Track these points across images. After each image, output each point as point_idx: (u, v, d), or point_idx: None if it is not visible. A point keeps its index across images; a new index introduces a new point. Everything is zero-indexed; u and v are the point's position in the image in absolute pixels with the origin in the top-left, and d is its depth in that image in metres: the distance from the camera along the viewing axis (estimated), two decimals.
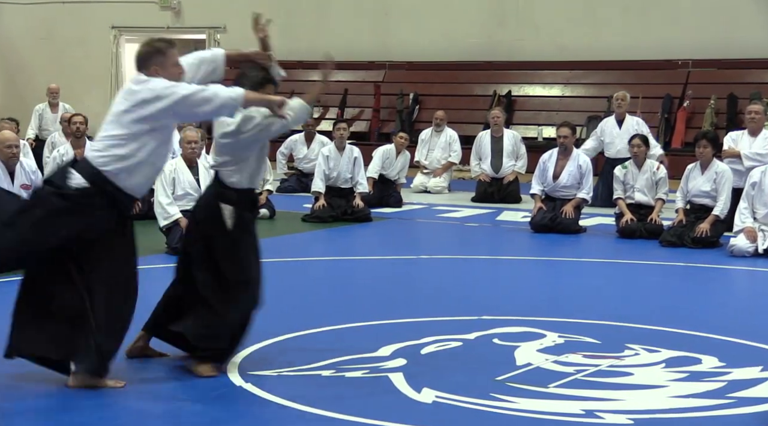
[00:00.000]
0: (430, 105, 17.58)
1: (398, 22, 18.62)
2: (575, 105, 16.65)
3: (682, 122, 15.69)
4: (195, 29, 20.75)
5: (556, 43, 17.23)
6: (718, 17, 16.19)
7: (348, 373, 4.80)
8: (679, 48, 16.30)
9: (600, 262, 8.61)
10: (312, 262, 8.45)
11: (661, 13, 16.64)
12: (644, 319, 6.02)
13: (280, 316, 6.15)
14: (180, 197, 8.53)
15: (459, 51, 17.90)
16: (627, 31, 16.82)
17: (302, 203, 11.64)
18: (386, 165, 12.36)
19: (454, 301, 6.71)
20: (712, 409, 4.34)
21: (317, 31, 19.25)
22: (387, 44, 18.64)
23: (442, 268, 8.27)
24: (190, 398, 4.45)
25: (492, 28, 17.86)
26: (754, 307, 6.96)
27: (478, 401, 4.38)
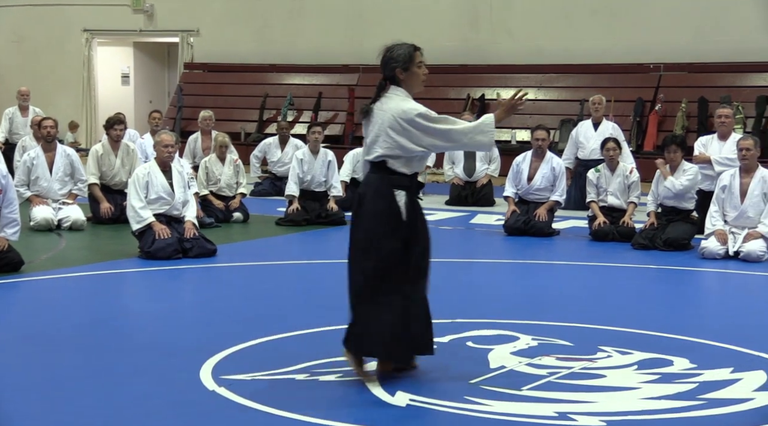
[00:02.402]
0: None
1: (372, 26, 18.64)
2: (548, 108, 16.74)
3: (654, 126, 15.81)
4: (168, 32, 20.67)
5: (530, 47, 17.31)
6: (689, 22, 16.33)
7: (322, 376, 4.80)
8: (651, 52, 16.43)
9: (573, 264, 8.65)
10: (286, 266, 8.44)
11: (633, 18, 16.76)
12: (617, 322, 6.06)
13: (254, 319, 6.14)
14: (153, 201, 8.50)
15: (433, 54, 17.75)
16: (600, 35, 16.93)
17: (276, 207, 11.63)
18: (358, 168, 12.35)
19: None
20: (683, 410, 4.37)
21: (291, 35, 19.24)
22: (361, 48, 18.64)
23: None
24: (163, 403, 4.44)
25: (466, 32, 17.92)
26: (725, 309, 7.02)
27: (452, 404, 4.39)
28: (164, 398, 4.50)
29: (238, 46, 19.54)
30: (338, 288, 7.45)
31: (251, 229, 10.61)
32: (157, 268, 7.91)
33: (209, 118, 13.21)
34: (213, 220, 10.44)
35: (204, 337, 5.64)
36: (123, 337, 5.73)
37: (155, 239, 8.27)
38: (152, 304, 6.88)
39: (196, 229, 8.58)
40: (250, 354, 5.24)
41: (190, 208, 8.73)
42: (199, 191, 10.53)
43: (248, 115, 18.72)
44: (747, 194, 8.73)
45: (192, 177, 9.79)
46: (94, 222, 10.46)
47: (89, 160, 10.67)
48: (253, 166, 13.84)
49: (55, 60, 21.17)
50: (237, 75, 19.46)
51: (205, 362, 4.99)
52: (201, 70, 20.26)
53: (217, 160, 11.15)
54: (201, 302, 6.96)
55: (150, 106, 19.73)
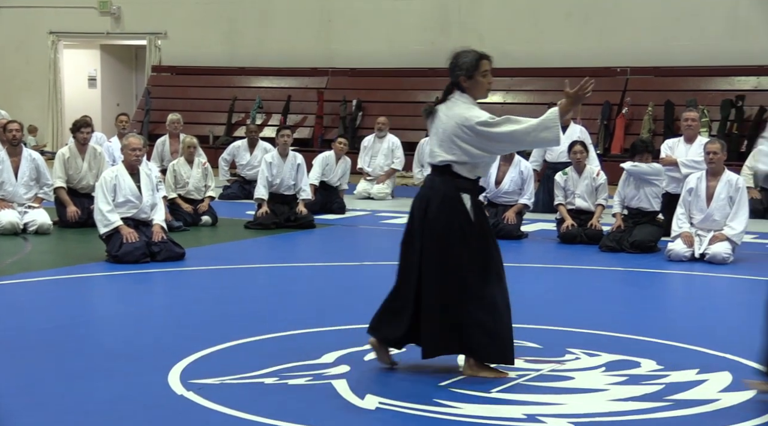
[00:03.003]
0: (373, 111, 17.62)
1: (341, 29, 18.65)
2: (517, 112, 16.72)
3: (621, 129, 15.93)
4: (135, 35, 20.55)
5: (499, 51, 17.25)
6: (655, 26, 16.48)
7: (291, 380, 4.79)
8: (618, 56, 16.56)
9: (541, 267, 8.70)
10: (255, 269, 8.41)
11: (600, 22, 16.89)
12: (585, 324, 6.10)
13: (223, 323, 6.11)
14: (121, 204, 8.45)
15: (402, 58, 17.98)
16: (567, 39, 17.04)
17: (245, 210, 11.59)
18: (326, 171, 12.35)
19: None
20: (650, 411, 4.41)
21: (260, 38, 19.20)
22: (330, 51, 18.65)
23: (386, 274, 8.24)
24: (131, 407, 4.41)
25: (435, 35, 17.97)
26: (691, 310, 7.09)
27: (422, 407, 4.40)
28: (132, 402, 4.47)
29: (206, 49, 19.46)
30: (308, 291, 7.45)
31: (220, 232, 10.57)
32: (124, 272, 7.86)
33: (177, 121, 13.15)
34: (181, 223, 10.39)
35: (172, 341, 5.61)
36: (90, 341, 5.69)
37: (123, 243, 8.21)
38: (120, 308, 6.84)
39: (164, 232, 8.53)
40: (219, 358, 5.22)
41: (159, 212, 8.68)
42: (167, 194, 10.48)
43: (217, 118, 18.65)
44: (713, 197, 8.81)
45: (160, 180, 9.74)
46: (60, 226, 10.36)
47: (56, 163, 10.57)
48: (222, 170, 13.79)
49: (21, 62, 20.97)
50: (205, 78, 19.38)
51: (173, 366, 4.97)
52: (169, 73, 20.15)
53: (185, 163, 11.10)
54: (169, 306, 6.93)
55: (117, 109, 19.60)
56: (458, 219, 4.89)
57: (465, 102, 4.99)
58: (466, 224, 4.88)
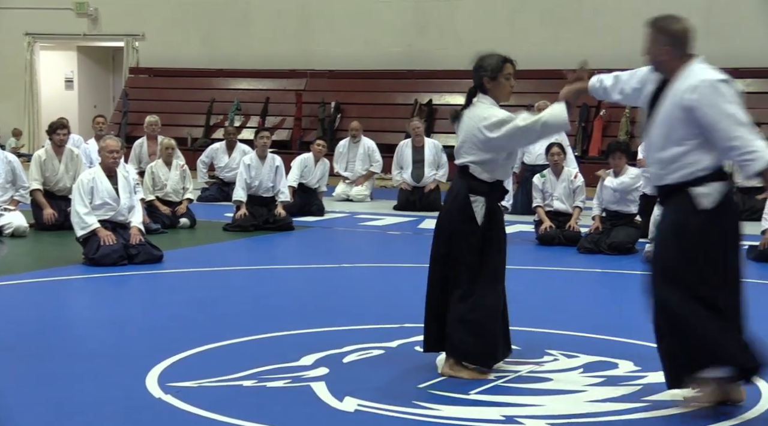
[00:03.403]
0: (351, 113, 17.63)
1: (320, 31, 18.64)
2: None
3: (598, 131, 16.01)
4: (112, 37, 20.46)
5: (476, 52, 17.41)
6: (632, 28, 16.49)
7: (270, 382, 4.78)
8: (595, 58, 16.53)
9: (519, 269, 8.72)
10: (233, 272, 8.39)
11: (577, 24, 16.97)
12: (563, 325, 6.12)
13: (201, 325, 6.10)
14: (98, 207, 8.41)
15: (380, 59, 17.99)
16: (545, 41, 17.11)
17: (223, 212, 11.56)
18: (305, 173, 12.35)
19: (377, 309, 6.73)
20: (627, 412, 4.43)
21: (239, 40, 19.16)
22: (308, 53, 18.64)
23: (365, 276, 8.29)
24: (109, 411, 4.39)
25: (413, 37, 18.00)
26: None
27: (400, 409, 4.41)
28: (110, 406, 4.45)
29: (184, 51, 19.40)
30: (286, 294, 7.44)
31: (198, 234, 10.54)
32: (102, 275, 7.82)
33: (155, 123, 13.10)
34: (159, 225, 10.35)
35: (150, 344, 5.59)
36: (67, 344, 5.66)
37: (100, 245, 8.17)
38: (97, 312, 6.80)
39: (142, 235, 8.50)
40: (197, 361, 5.20)
41: (136, 214, 8.65)
42: (145, 197, 10.43)
43: (195, 120, 18.59)
44: None
45: (138, 182, 9.70)
46: (37, 228, 10.30)
47: (32, 165, 10.50)
48: (200, 172, 13.75)
49: None
50: (183, 80, 19.32)
51: (151, 369, 4.95)
52: (147, 75, 20.07)
53: (163, 165, 11.06)
54: (147, 309, 6.90)
55: (95, 110, 19.50)
56: (462, 218, 4.98)
57: (485, 103, 5.11)
58: (468, 224, 4.96)
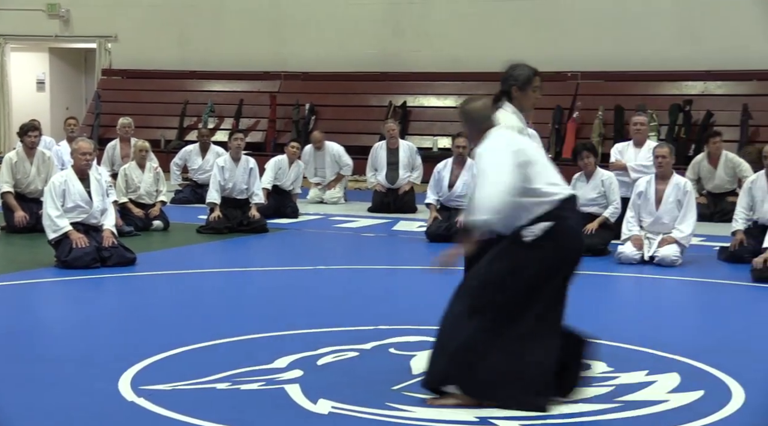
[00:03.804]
0: (325, 115, 17.61)
1: (294, 33, 18.60)
2: None
3: (572, 133, 16.08)
4: (85, 38, 20.31)
5: (451, 55, 17.47)
6: (605, 31, 16.66)
7: (244, 385, 4.77)
8: (569, 60, 16.71)
9: None
10: (207, 274, 8.36)
11: (551, 27, 17.04)
12: None
13: (174, 328, 6.07)
14: (70, 210, 8.35)
15: (354, 62, 17.98)
16: (519, 44, 17.14)
17: (197, 214, 11.52)
18: (279, 175, 12.33)
19: (351, 311, 6.73)
20: (600, 413, 4.46)
21: (212, 42, 19.08)
22: (282, 55, 18.59)
23: (339, 278, 8.29)
24: (81, 415, 4.36)
25: (387, 39, 18.00)
26: (641, 313, 7.17)
27: (374, 411, 4.41)
28: (82, 410, 4.42)
29: (157, 53, 19.29)
30: (261, 296, 7.42)
31: (171, 237, 10.49)
32: (74, 278, 7.76)
33: (128, 125, 13.03)
34: (132, 228, 10.29)
35: (123, 347, 5.56)
36: (39, 348, 5.62)
37: (72, 248, 8.12)
38: (69, 315, 6.76)
39: (114, 237, 8.45)
40: (170, 364, 5.18)
41: (109, 217, 8.60)
42: (118, 199, 10.38)
43: (168, 122, 18.50)
44: (662, 200, 8.93)
45: (110, 185, 9.65)
46: (8, 231, 10.22)
47: (3, 168, 10.42)
48: (174, 174, 13.69)
49: None
50: (156, 82, 19.22)
51: (123, 372, 4.92)
52: (119, 77, 19.95)
53: (136, 167, 11.00)
54: (120, 312, 6.86)
55: (67, 112, 19.35)
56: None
57: (508, 110, 5.11)
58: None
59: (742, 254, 8.78)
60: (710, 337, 6.16)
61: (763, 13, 15.86)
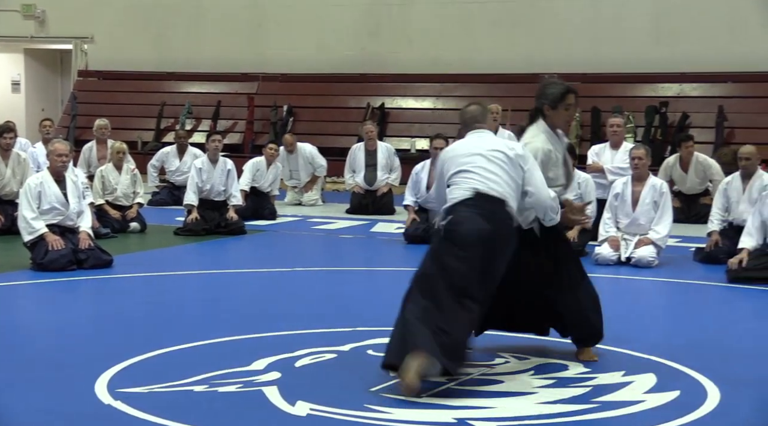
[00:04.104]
0: (304, 117, 17.59)
1: (272, 34, 18.57)
2: (447, 117, 16.89)
3: None
4: (60, 39, 20.18)
5: (429, 56, 17.49)
6: (582, 34, 16.74)
7: (221, 387, 4.75)
8: (546, 62, 16.76)
9: None
10: (184, 276, 8.33)
11: (529, 29, 17.10)
12: None
13: (151, 331, 6.05)
14: (46, 211, 8.31)
15: (332, 63, 17.98)
16: (496, 46, 17.21)
17: (175, 216, 11.48)
18: (257, 177, 12.30)
19: (329, 312, 6.73)
20: (578, 414, 4.48)
21: (190, 43, 19.02)
22: (260, 56, 18.56)
23: (317, 280, 8.28)
24: (57, 418, 4.33)
25: (365, 41, 18.01)
26: (617, 314, 7.18)
27: (353, 413, 4.41)
28: (58, 413, 4.40)
29: (134, 54, 19.21)
30: (239, 298, 7.40)
31: (149, 239, 10.45)
32: (50, 280, 7.72)
33: (105, 126, 12.97)
34: (109, 230, 10.24)
35: (99, 349, 5.53)
36: (15, 351, 5.58)
37: (48, 250, 8.07)
38: (46, 317, 6.71)
39: (91, 239, 8.41)
40: (147, 366, 5.16)
41: (85, 219, 8.55)
42: (94, 201, 10.32)
43: (145, 123, 18.42)
44: (639, 202, 8.98)
45: (87, 186, 9.59)
46: None
47: None
48: (151, 176, 13.64)
49: None
50: (133, 83, 19.13)
51: (100, 375, 4.89)
52: (96, 78, 19.84)
53: (113, 169, 10.95)
54: (96, 314, 6.82)
55: (42, 114, 19.21)
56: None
57: (538, 129, 5.31)
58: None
59: (717, 255, 8.85)
60: (686, 338, 6.20)
61: (737, 16, 15.99)
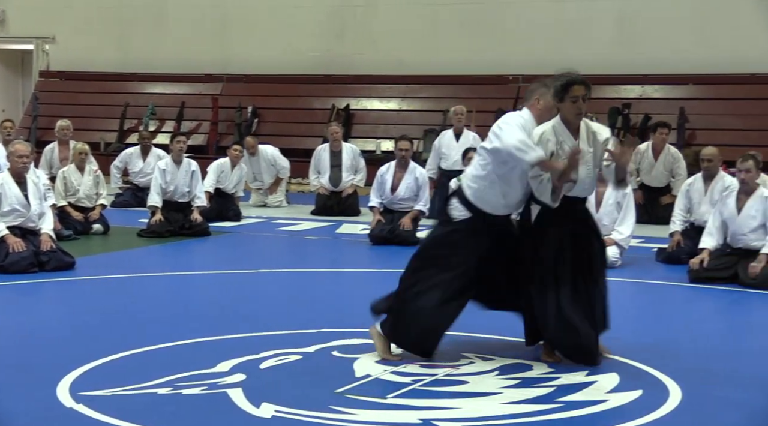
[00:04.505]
0: (268, 118, 17.55)
1: (236, 35, 18.50)
2: (412, 118, 16.96)
3: None
4: (21, 39, 19.97)
5: (394, 58, 17.52)
6: (546, 35, 16.84)
7: (185, 390, 4.72)
8: (511, 64, 16.87)
9: None
10: (148, 278, 8.28)
11: (493, 31, 17.18)
12: (479, 328, 6.17)
13: (114, 333, 6.00)
14: (7, 213, 8.22)
15: (297, 64, 17.94)
16: (461, 47, 17.28)
17: (138, 218, 11.40)
18: (222, 178, 12.26)
19: (294, 314, 6.71)
20: (542, 413, 4.50)
21: (154, 43, 18.90)
22: (225, 57, 18.49)
23: (282, 281, 8.26)
24: (18, 422, 4.28)
25: (330, 42, 17.99)
26: None
27: (317, 414, 4.40)
28: (19, 417, 4.35)
29: (97, 54, 19.05)
30: (203, 300, 7.37)
31: (112, 240, 10.37)
32: (11, 283, 7.64)
33: (66, 127, 12.86)
34: (71, 232, 10.15)
35: (61, 352, 5.48)
36: None
37: (9, 252, 7.99)
38: (6, 320, 6.63)
39: (53, 241, 8.33)
40: (110, 369, 5.12)
41: (47, 220, 8.47)
42: (56, 202, 10.22)
43: (108, 124, 18.28)
44: (602, 203, 9.04)
45: (48, 188, 9.50)
46: None
47: None
48: (114, 177, 13.54)
49: None
50: (96, 83, 18.97)
51: (62, 379, 4.85)
52: (57, 79, 19.66)
53: (75, 170, 10.85)
54: (58, 317, 6.76)
55: (3, 115, 18.99)
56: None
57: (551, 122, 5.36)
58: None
59: (679, 255, 8.94)
60: (648, 337, 6.26)
61: (699, 20, 16.17)
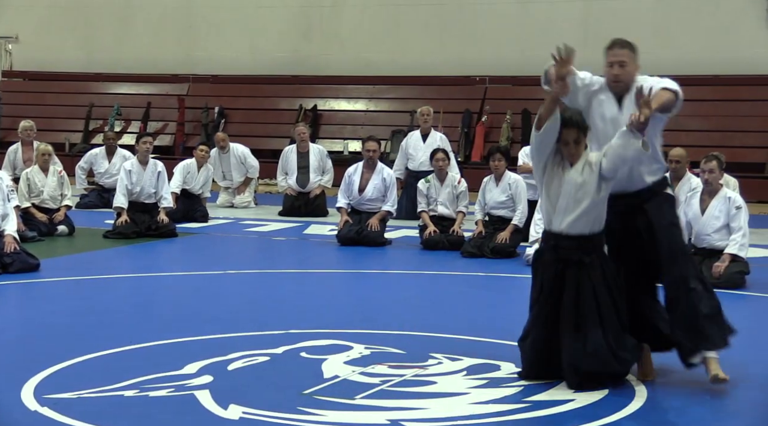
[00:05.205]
0: (235, 119, 17.48)
1: (203, 35, 18.43)
2: (380, 119, 16.97)
3: (480, 136, 16.29)
4: None
5: (361, 58, 17.53)
6: (513, 37, 16.93)
7: (152, 392, 4.69)
8: (477, 65, 16.94)
9: (405, 273, 8.80)
10: (114, 280, 8.21)
11: (460, 32, 17.24)
12: (447, 329, 6.20)
13: (80, 335, 5.94)
14: None
15: (265, 65, 17.90)
16: (429, 48, 17.32)
17: (104, 219, 11.31)
18: (188, 179, 12.19)
19: (262, 315, 6.69)
20: (510, 413, 4.52)
21: (119, 43, 18.78)
22: (191, 57, 18.40)
23: (250, 282, 8.23)
24: None
25: (298, 42, 17.97)
26: None
27: (285, 416, 4.39)
28: None
29: (61, 54, 18.89)
30: (170, 301, 7.32)
31: (77, 242, 10.27)
32: None
33: (30, 128, 12.72)
34: (36, 233, 10.04)
35: (26, 355, 5.42)
36: None
37: None
38: None
39: (16, 242, 8.24)
40: (76, 371, 5.07)
41: (10, 222, 8.38)
42: (20, 204, 10.11)
43: (73, 125, 18.12)
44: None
45: (12, 189, 9.39)
46: None
47: None
48: (79, 178, 13.42)
49: None
50: (60, 84, 18.81)
51: (26, 381, 4.79)
52: (21, 79, 19.47)
53: (39, 171, 10.74)
54: (22, 319, 6.69)
55: None
56: None
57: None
58: None
59: None
60: None
61: (665, 21, 16.32)
